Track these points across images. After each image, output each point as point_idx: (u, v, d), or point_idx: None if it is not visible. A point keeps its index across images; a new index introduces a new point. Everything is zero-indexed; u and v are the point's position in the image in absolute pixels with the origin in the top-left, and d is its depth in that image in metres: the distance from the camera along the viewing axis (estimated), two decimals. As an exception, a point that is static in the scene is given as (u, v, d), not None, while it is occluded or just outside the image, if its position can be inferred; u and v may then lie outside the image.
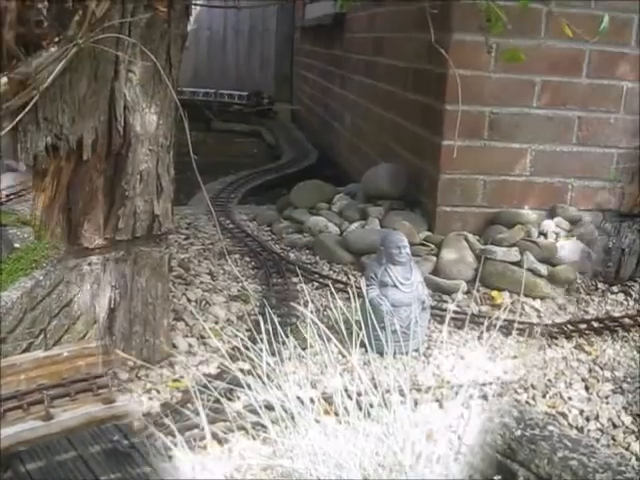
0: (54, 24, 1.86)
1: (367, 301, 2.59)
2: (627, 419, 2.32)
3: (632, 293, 3.33)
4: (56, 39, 1.85)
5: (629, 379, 2.57)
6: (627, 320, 3.04)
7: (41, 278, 2.07)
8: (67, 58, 1.86)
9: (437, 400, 2.32)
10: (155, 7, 2.08)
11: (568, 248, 3.42)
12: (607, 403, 2.41)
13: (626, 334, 2.95)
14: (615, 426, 2.28)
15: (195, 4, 2.43)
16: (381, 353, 2.41)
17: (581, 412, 2.35)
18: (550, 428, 1.65)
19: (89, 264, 2.19)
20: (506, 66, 3.36)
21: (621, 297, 3.32)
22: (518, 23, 2.65)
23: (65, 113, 1.99)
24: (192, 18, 2.36)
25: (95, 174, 2.12)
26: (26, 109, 1.85)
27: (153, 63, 2.11)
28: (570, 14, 3.08)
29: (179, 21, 2.25)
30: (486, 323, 2.85)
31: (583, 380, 2.57)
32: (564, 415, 2.33)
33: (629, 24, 3.47)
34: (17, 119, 1.85)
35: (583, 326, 2.99)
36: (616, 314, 3.16)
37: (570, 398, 2.44)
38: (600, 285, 3.42)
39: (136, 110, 2.15)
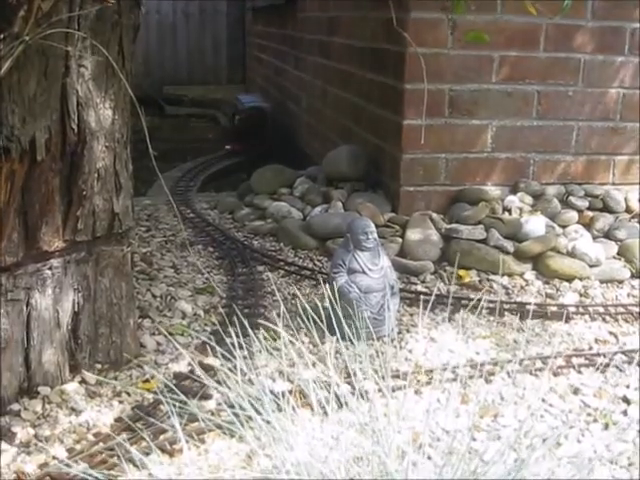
0: (-2, 21, 1.77)
1: (336, 288, 2.56)
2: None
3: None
4: (1, 36, 1.77)
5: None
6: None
7: None
8: (14, 56, 1.77)
9: (413, 386, 2.30)
10: (104, -2, 2.00)
11: (532, 223, 3.41)
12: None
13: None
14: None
15: (146, -7, 2.35)
16: (352, 341, 2.38)
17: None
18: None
19: (50, 268, 2.12)
20: (464, 43, 3.33)
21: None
22: (474, -1, 2.63)
23: (15, 113, 1.90)
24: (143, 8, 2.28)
25: (50, 175, 2.04)
26: (-26, 112, 1.77)
27: (105, 56, 2.03)
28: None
29: (130, 12, 2.17)
30: (452, 301, 2.86)
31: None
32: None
33: (584, -4, 3.47)
34: (-35, 122, 1.77)
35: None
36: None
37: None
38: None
39: (90, 106, 2.07)
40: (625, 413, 2.23)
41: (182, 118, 8.65)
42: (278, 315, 2.30)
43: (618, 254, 3.39)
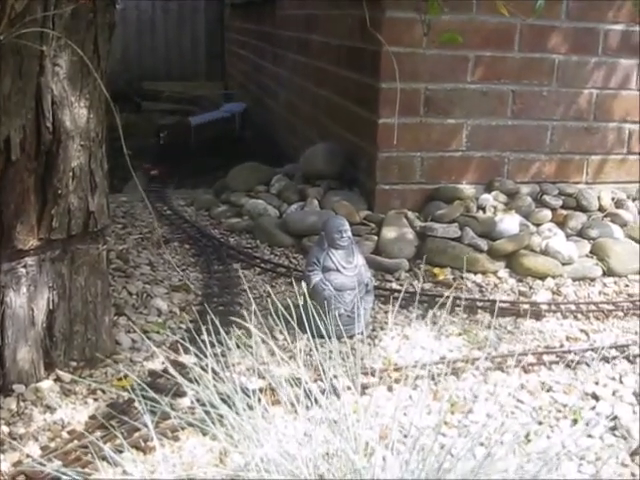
0: (-28, 20, 1.78)
1: (310, 287, 2.58)
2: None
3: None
4: (-25, 36, 1.78)
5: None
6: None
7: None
8: (-12, 55, 1.78)
9: (385, 383, 2.32)
10: (79, -3, 2.00)
11: (506, 222, 3.44)
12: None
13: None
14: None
15: (121, -7, 2.35)
16: (326, 338, 2.40)
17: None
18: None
19: (24, 266, 2.12)
20: (439, 43, 3.35)
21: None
22: (450, -1, 2.65)
23: (-10, 113, 1.91)
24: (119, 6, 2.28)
25: (25, 174, 2.04)
26: (-52, 111, 1.77)
27: (80, 56, 2.03)
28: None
29: (105, 10, 2.17)
30: (427, 299, 2.88)
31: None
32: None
33: (559, -3, 3.51)
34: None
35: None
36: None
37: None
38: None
39: (65, 105, 2.08)
40: (594, 409, 2.27)
41: (158, 114, 8.61)
42: (252, 313, 2.31)
43: (591, 252, 3.43)
